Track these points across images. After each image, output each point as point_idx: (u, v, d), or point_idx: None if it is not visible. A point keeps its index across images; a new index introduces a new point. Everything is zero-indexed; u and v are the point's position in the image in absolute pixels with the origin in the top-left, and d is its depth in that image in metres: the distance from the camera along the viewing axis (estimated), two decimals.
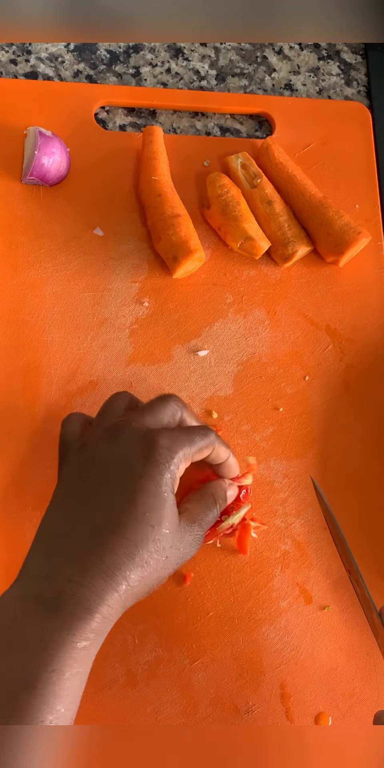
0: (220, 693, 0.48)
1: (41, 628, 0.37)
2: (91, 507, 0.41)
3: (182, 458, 0.43)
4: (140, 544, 0.40)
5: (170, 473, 0.42)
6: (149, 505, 0.41)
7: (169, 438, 0.43)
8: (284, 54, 0.70)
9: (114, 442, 0.43)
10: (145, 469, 0.41)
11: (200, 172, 0.62)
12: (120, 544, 0.40)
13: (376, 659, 0.50)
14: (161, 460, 0.42)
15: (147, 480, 0.41)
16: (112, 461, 0.42)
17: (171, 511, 0.42)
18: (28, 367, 0.54)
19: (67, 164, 0.59)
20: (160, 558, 0.41)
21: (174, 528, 0.42)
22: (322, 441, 0.55)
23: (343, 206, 0.61)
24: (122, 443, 0.43)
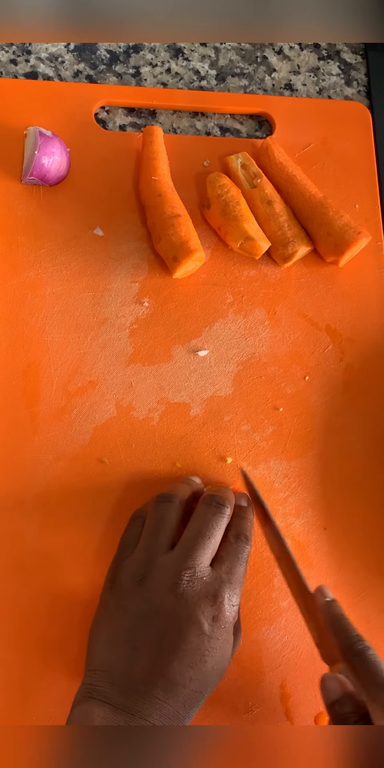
0: (220, 693, 0.48)
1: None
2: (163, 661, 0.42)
3: (239, 596, 0.45)
4: (207, 690, 0.43)
5: (234, 617, 0.44)
6: (216, 660, 0.43)
7: (231, 591, 0.44)
8: (284, 54, 0.70)
9: (178, 597, 0.43)
10: (214, 632, 0.43)
11: (200, 172, 0.61)
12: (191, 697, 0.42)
13: None
14: (228, 620, 0.44)
15: (215, 641, 0.43)
16: (180, 619, 0.43)
17: (230, 651, 0.44)
18: (28, 367, 0.54)
19: (67, 164, 0.59)
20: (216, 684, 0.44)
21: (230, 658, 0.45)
22: (322, 441, 0.55)
23: (343, 206, 0.61)
24: (188, 601, 0.43)
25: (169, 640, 0.42)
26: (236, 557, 0.46)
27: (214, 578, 0.44)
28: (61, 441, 0.53)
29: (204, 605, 0.43)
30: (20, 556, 0.50)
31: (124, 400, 0.54)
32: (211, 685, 0.43)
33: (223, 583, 0.44)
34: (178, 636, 0.42)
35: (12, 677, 0.47)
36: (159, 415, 0.54)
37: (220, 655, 0.43)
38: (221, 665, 0.43)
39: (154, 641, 0.42)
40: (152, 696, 0.41)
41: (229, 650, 0.44)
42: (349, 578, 0.52)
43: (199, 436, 0.54)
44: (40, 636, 0.48)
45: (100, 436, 0.53)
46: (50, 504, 0.51)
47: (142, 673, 0.42)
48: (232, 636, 0.45)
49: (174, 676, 0.41)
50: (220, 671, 0.43)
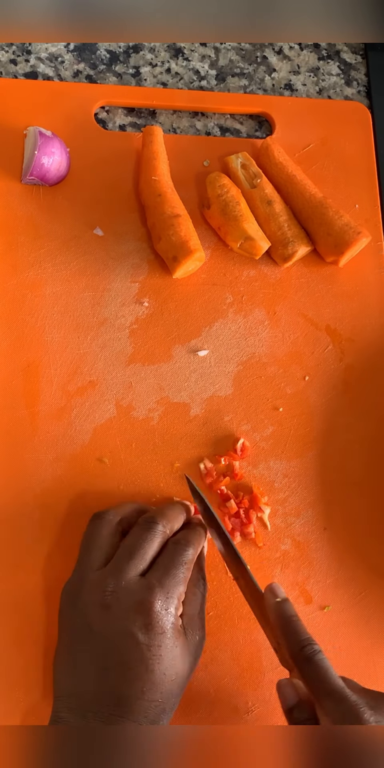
0: (220, 693, 0.48)
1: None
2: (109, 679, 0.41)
3: (179, 603, 0.44)
4: (168, 698, 0.42)
5: (175, 626, 0.43)
6: (165, 665, 0.42)
7: (163, 595, 0.43)
8: (284, 54, 0.70)
9: (108, 609, 0.42)
10: (151, 639, 0.42)
11: (200, 172, 0.61)
12: (150, 707, 0.41)
13: (376, 659, 0.50)
14: (165, 624, 0.42)
15: (156, 648, 0.42)
16: (114, 633, 0.42)
17: (182, 652, 0.43)
18: (28, 367, 0.54)
19: (67, 164, 0.59)
20: (182, 690, 0.43)
21: (188, 660, 0.44)
22: (322, 441, 0.55)
23: (343, 206, 0.61)
24: (119, 613, 0.42)
25: (107, 657, 0.42)
26: (171, 561, 0.45)
27: (142, 586, 0.43)
28: (61, 441, 0.53)
29: (134, 615, 0.42)
30: (20, 556, 0.50)
31: (124, 400, 0.54)
32: (171, 691, 0.42)
33: (153, 589, 0.43)
34: (115, 651, 0.42)
35: (12, 677, 0.47)
36: (159, 415, 0.54)
37: (169, 660, 0.42)
38: (175, 670, 0.42)
39: (94, 661, 0.42)
40: (108, 714, 0.40)
41: (180, 654, 0.43)
42: (349, 578, 0.52)
43: (199, 436, 0.54)
44: (40, 636, 0.48)
45: (100, 436, 0.53)
46: (50, 504, 0.51)
47: (91, 693, 0.41)
48: (183, 637, 0.43)
49: (122, 691, 0.41)
50: (175, 676, 0.42)
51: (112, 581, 0.43)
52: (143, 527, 0.46)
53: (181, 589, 0.44)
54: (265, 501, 0.53)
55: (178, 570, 0.44)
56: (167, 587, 0.43)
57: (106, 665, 0.42)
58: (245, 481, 0.53)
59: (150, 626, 0.42)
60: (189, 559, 0.45)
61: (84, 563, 0.46)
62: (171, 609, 0.43)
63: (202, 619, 0.46)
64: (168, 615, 0.42)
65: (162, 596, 0.43)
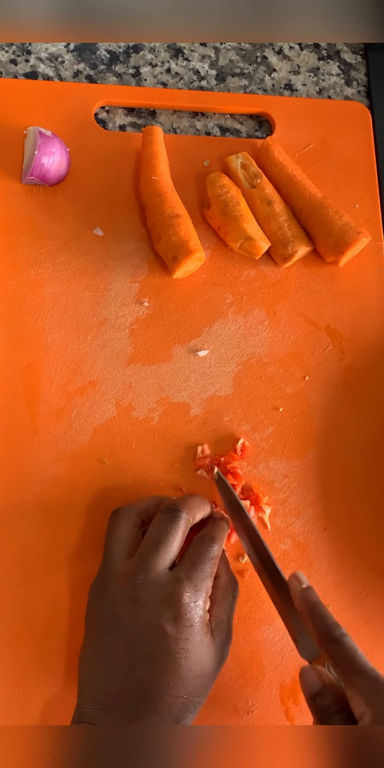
0: (220, 693, 0.48)
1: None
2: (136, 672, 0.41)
3: (208, 595, 0.44)
4: (192, 695, 0.42)
5: (203, 620, 0.43)
6: (192, 661, 0.42)
7: (191, 588, 0.43)
8: (284, 54, 0.70)
9: (137, 602, 0.43)
10: (179, 632, 0.42)
11: (200, 172, 0.61)
12: (175, 703, 0.41)
13: (376, 659, 0.50)
14: (192, 617, 0.42)
15: (183, 641, 0.42)
16: (142, 625, 0.42)
17: (209, 650, 0.43)
18: (28, 367, 0.54)
19: (67, 164, 0.59)
20: (208, 690, 0.43)
21: (214, 660, 0.43)
22: (322, 441, 0.55)
23: (343, 206, 0.61)
24: (147, 604, 0.43)
25: (135, 649, 0.42)
26: (197, 556, 0.45)
27: (171, 579, 0.43)
28: (61, 441, 0.53)
29: (162, 607, 0.42)
30: (20, 556, 0.50)
31: (124, 400, 0.54)
32: (197, 688, 0.42)
33: (181, 582, 0.43)
34: (143, 643, 0.42)
35: (12, 677, 0.47)
36: (159, 415, 0.54)
37: (196, 656, 0.42)
38: (200, 667, 0.42)
39: (122, 653, 0.42)
40: (134, 710, 0.40)
41: (207, 651, 0.43)
42: (349, 578, 0.52)
43: (199, 436, 0.54)
44: (40, 636, 0.48)
45: (100, 436, 0.53)
46: (50, 504, 0.51)
47: (118, 687, 0.41)
48: (210, 635, 0.44)
49: (149, 684, 0.41)
50: (201, 673, 0.42)
51: (141, 573, 0.43)
52: (166, 515, 0.46)
53: (208, 584, 0.44)
54: (266, 501, 0.52)
55: (205, 565, 0.44)
56: (195, 581, 0.43)
57: (134, 657, 0.42)
58: (246, 481, 0.53)
59: (178, 619, 0.42)
60: (215, 554, 0.45)
61: (108, 559, 0.46)
62: (199, 602, 0.43)
63: (231, 623, 0.46)
64: (196, 608, 0.43)
65: (190, 589, 0.43)
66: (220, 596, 0.46)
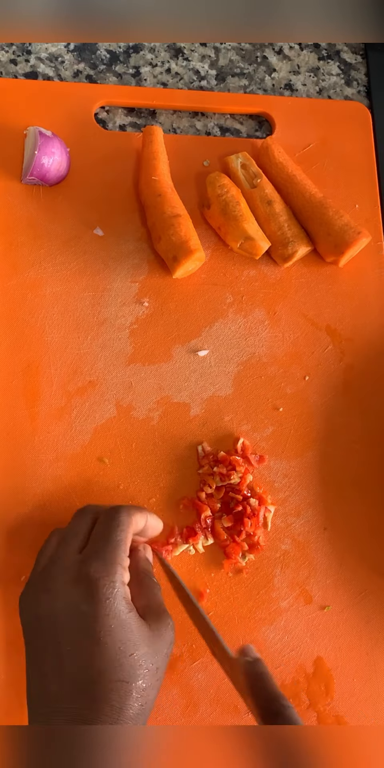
0: (220, 693, 0.48)
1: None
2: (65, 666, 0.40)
3: (122, 568, 0.42)
4: (131, 678, 0.39)
5: (120, 593, 0.41)
6: (119, 639, 0.40)
7: (99, 563, 0.41)
8: (284, 54, 0.69)
9: (51, 592, 0.42)
10: (96, 609, 0.40)
11: (200, 172, 0.61)
12: (112, 689, 0.39)
13: (376, 659, 0.50)
14: (107, 592, 0.40)
15: (103, 618, 0.40)
16: (60, 614, 0.41)
17: (139, 628, 0.41)
18: (28, 367, 0.54)
19: (67, 164, 0.59)
20: (151, 675, 0.40)
21: (150, 639, 0.41)
22: (322, 441, 0.55)
23: (343, 206, 0.61)
24: (60, 591, 0.41)
25: (59, 643, 0.40)
26: (103, 527, 0.43)
27: (78, 560, 0.42)
28: (61, 441, 0.53)
29: (73, 588, 0.41)
30: (20, 557, 0.50)
31: (124, 400, 0.54)
32: (134, 670, 0.39)
33: (87, 559, 0.42)
34: (64, 633, 0.40)
35: (12, 677, 0.47)
36: (159, 415, 0.54)
37: (123, 633, 0.40)
38: (132, 645, 0.40)
39: (50, 652, 0.41)
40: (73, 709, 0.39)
41: (136, 629, 0.40)
42: (349, 578, 0.52)
43: (199, 436, 0.54)
44: None
45: (100, 436, 0.53)
46: (50, 504, 0.51)
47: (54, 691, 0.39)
48: (136, 613, 0.41)
49: (81, 676, 0.39)
50: (135, 654, 0.40)
51: (52, 567, 0.43)
52: (74, 515, 0.46)
53: (119, 553, 0.42)
54: (270, 501, 0.52)
55: (111, 533, 0.43)
56: (103, 553, 0.42)
57: (60, 652, 0.40)
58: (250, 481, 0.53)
59: (91, 595, 0.40)
60: (121, 521, 0.43)
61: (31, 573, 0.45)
62: (113, 576, 0.41)
63: (162, 605, 0.44)
64: (109, 582, 0.41)
65: (99, 563, 0.41)
66: (137, 587, 0.44)
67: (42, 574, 0.43)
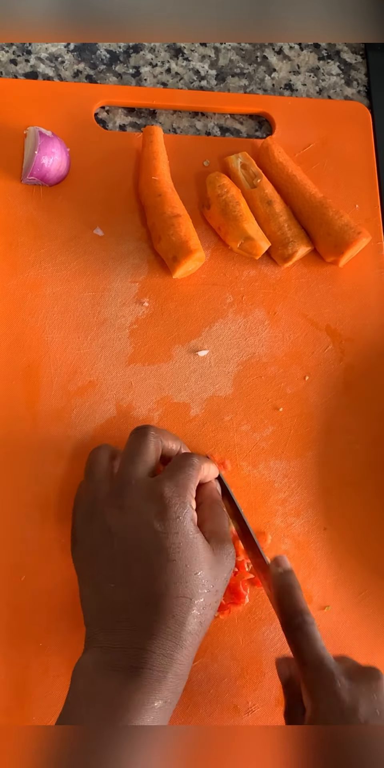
0: (220, 693, 0.48)
1: (121, 691, 0.38)
2: (134, 578, 0.41)
3: (191, 495, 0.44)
4: (193, 595, 0.41)
5: (189, 515, 0.43)
6: (186, 557, 0.41)
7: (172, 484, 0.43)
8: (284, 54, 0.70)
9: (123, 509, 0.43)
10: (167, 526, 0.42)
11: (200, 172, 0.62)
12: (176, 604, 0.40)
13: (376, 659, 0.50)
14: (178, 511, 0.42)
15: (173, 536, 0.42)
16: (131, 529, 0.42)
17: (205, 550, 0.43)
18: (28, 367, 0.54)
19: (67, 164, 0.59)
20: (211, 596, 0.42)
21: (212, 562, 0.43)
22: (322, 441, 0.55)
23: (343, 206, 0.61)
24: (133, 507, 0.43)
25: (129, 555, 0.42)
26: (177, 461, 0.45)
27: (152, 481, 0.44)
28: (61, 441, 0.53)
29: (147, 505, 0.42)
30: (20, 557, 0.50)
31: (124, 400, 0.54)
32: (197, 588, 0.41)
33: (162, 481, 0.43)
34: (135, 546, 0.42)
35: (12, 677, 0.47)
36: (159, 415, 0.54)
37: (190, 551, 0.42)
38: (197, 564, 0.41)
39: (118, 564, 0.42)
40: (137, 619, 0.40)
41: (202, 549, 0.42)
42: (349, 578, 0.52)
43: (199, 436, 0.54)
44: (40, 636, 0.48)
45: (100, 436, 0.53)
46: (50, 504, 0.51)
47: (119, 601, 0.41)
48: (202, 539, 0.43)
49: (147, 588, 0.41)
50: (200, 573, 0.41)
51: (123, 484, 0.44)
52: (135, 434, 0.47)
53: (190, 485, 0.44)
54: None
55: (185, 468, 0.45)
56: (176, 479, 0.44)
57: (129, 564, 0.42)
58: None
59: (163, 513, 0.42)
60: (194, 462, 0.45)
61: (90, 484, 0.47)
62: (184, 498, 0.43)
63: (228, 534, 0.45)
64: (180, 503, 0.43)
65: (171, 485, 0.43)
66: (208, 510, 0.46)
67: (113, 491, 0.44)
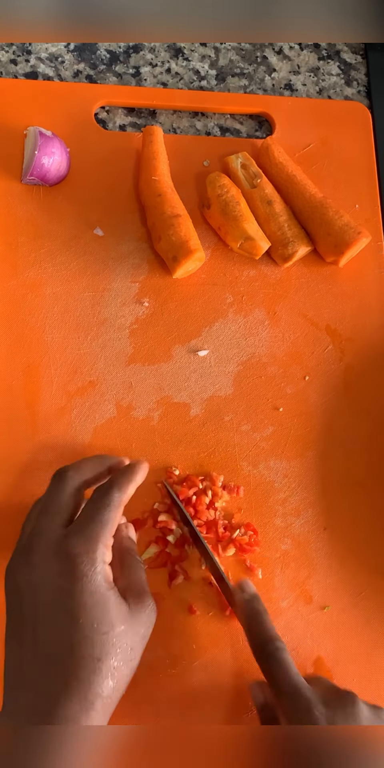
0: (220, 693, 0.48)
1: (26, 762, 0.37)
2: (40, 639, 0.40)
3: (104, 546, 0.41)
4: (102, 655, 0.39)
5: (100, 571, 0.41)
6: (94, 616, 0.39)
7: (81, 539, 0.41)
8: (284, 54, 0.69)
9: (32, 565, 0.41)
10: (74, 585, 0.40)
11: (200, 172, 0.61)
12: (82, 665, 0.38)
13: (376, 659, 0.50)
14: (85, 569, 0.40)
15: (79, 595, 0.39)
16: (39, 587, 0.40)
17: (117, 606, 0.40)
18: (28, 367, 0.54)
19: (67, 164, 0.59)
20: (125, 654, 0.40)
21: (127, 619, 0.41)
22: (322, 441, 0.55)
23: (343, 206, 0.61)
24: (41, 564, 0.41)
25: (35, 613, 0.40)
26: (92, 505, 0.43)
27: (61, 535, 0.41)
28: (61, 441, 0.53)
29: (54, 563, 0.40)
30: None
31: (124, 400, 0.54)
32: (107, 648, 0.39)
33: (70, 535, 0.41)
34: (42, 607, 0.40)
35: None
36: (159, 415, 0.54)
37: (99, 611, 0.39)
38: (108, 624, 0.39)
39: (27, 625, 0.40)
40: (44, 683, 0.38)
41: (113, 607, 0.40)
42: (349, 578, 0.52)
43: (199, 436, 0.54)
44: None
45: (100, 436, 0.53)
46: None
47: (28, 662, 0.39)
48: (115, 591, 0.41)
49: (52, 649, 0.39)
50: (110, 633, 0.39)
51: (34, 539, 0.42)
52: (53, 480, 0.45)
53: (104, 533, 0.41)
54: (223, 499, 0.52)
55: (99, 512, 0.42)
56: (87, 531, 0.41)
57: (37, 625, 0.40)
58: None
59: (70, 571, 0.40)
60: (112, 500, 0.43)
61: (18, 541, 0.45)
62: (94, 554, 0.40)
63: (144, 586, 0.43)
64: (89, 559, 0.40)
65: (80, 539, 0.41)
66: (121, 561, 0.44)
67: (25, 546, 0.43)
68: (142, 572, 0.44)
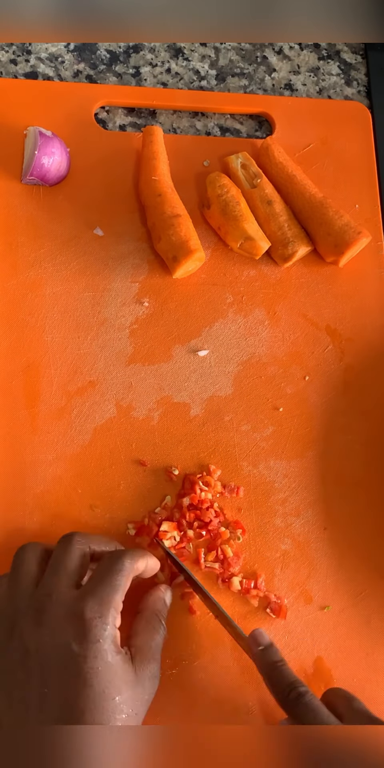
0: (220, 693, 0.48)
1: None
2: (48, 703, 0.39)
3: (116, 611, 0.41)
4: (108, 720, 0.39)
5: (111, 636, 0.40)
6: (104, 681, 0.39)
7: (95, 603, 0.41)
8: (284, 54, 0.70)
9: (42, 625, 0.40)
10: (86, 649, 0.39)
11: (200, 172, 0.61)
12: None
13: (376, 659, 0.50)
14: (98, 633, 0.40)
15: (92, 659, 0.39)
16: (49, 649, 0.40)
17: (124, 672, 0.40)
18: (28, 367, 0.54)
19: (67, 164, 0.59)
20: (130, 717, 0.40)
21: (133, 683, 0.41)
22: (322, 441, 0.55)
23: (343, 206, 0.61)
24: (52, 625, 0.40)
25: (43, 675, 0.39)
26: (104, 568, 0.42)
27: (74, 597, 0.41)
28: (61, 441, 0.53)
29: (66, 625, 0.40)
30: None
31: (124, 400, 0.54)
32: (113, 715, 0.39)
33: (83, 597, 0.41)
34: (51, 668, 0.39)
35: None
36: (159, 415, 0.54)
37: (109, 676, 0.39)
38: (116, 689, 0.39)
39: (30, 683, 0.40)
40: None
41: (122, 672, 0.40)
42: (349, 578, 0.52)
43: (199, 436, 0.54)
44: None
45: (100, 436, 0.53)
46: (50, 504, 0.51)
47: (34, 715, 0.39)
48: (123, 656, 0.41)
49: (62, 713, 0.38)
50: (117, 699, 0.39)
51: (44, 599, 0.41)
52: (60, 543, 0.44)
53: (116, 598, 0.41)
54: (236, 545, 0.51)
55: (111, 577, 0.42)
56: (99, 594, 0.41)
57: (44, 686, 0.39)
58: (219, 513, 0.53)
59: (83, 635, 0.40)
60: (124, 567, 0.43)
61: (13, 586, 0.43)
62: (106, 618, 0.40)
63: (156, 655, 0.44)
64: (102, 624, 0.40)
65: (94, 603, 0.41)
66: (141, 626, 0.44)
67: (34, 607, 0.42)
68: (160, 639, 0.45)
